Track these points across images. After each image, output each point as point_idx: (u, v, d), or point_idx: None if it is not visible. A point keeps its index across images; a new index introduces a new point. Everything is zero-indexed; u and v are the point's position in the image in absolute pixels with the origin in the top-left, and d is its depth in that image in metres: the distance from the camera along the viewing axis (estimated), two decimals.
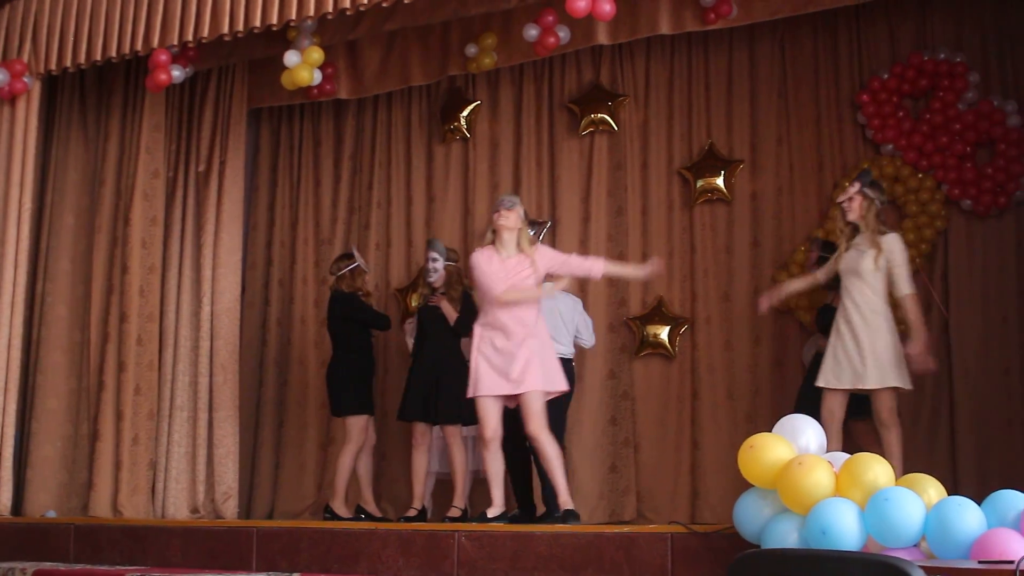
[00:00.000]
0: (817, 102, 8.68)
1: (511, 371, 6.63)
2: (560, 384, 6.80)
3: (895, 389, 6.53)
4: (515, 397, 6.70)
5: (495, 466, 6.87)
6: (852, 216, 6.71)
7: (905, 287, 6.59)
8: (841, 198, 6.83)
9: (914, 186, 8.23)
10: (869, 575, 3.39)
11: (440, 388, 7.84)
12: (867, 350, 6.51)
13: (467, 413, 7.33)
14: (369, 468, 8.49)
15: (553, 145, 9.33)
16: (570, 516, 6.56)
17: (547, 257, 6.92)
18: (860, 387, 6.55)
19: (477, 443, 7.95)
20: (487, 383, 6.70)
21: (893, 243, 6.61)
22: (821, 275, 6.97)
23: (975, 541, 4.51)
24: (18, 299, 8.37)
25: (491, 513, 6.86)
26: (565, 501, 6.67)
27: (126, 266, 8.97)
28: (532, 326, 6.75)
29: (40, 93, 8.61)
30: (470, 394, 6.75)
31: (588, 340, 8.21)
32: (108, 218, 9.18)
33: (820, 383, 6.65)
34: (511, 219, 6.80)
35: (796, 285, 7.24)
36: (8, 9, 8.53)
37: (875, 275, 6.56)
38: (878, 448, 6.42)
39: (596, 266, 7.04)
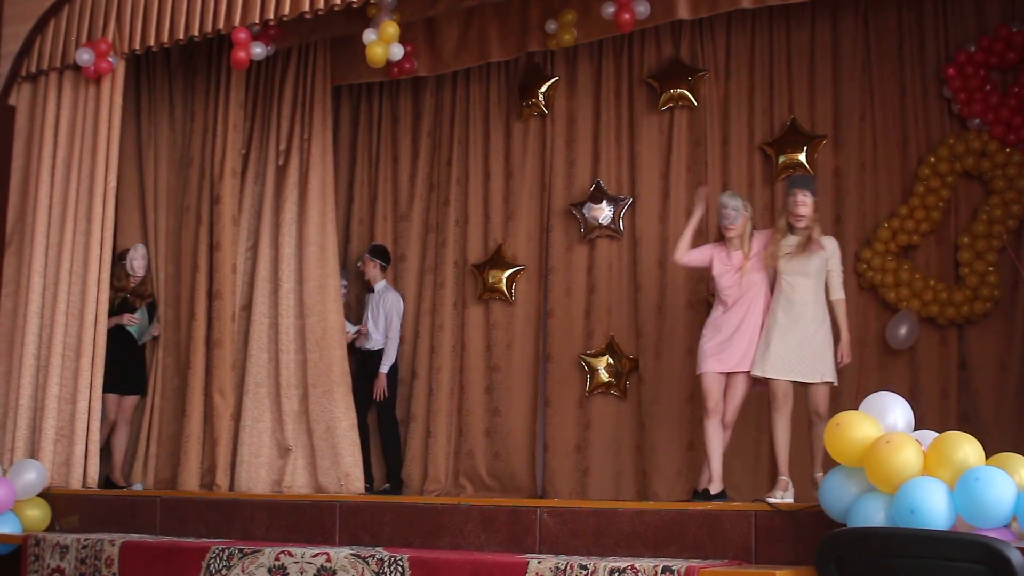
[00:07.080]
0: (901, 76, 8.52)
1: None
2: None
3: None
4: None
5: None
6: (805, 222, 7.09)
7: (839, 291, 7.09)
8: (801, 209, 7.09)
9: (1001, 161, 8.07)
10: (966, 555, 3.36)
11: None
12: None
13: None
14: (124, 442, 9.15)
15: (632, 121, 9.26)
16: None
17: (756, 244, 7.30)
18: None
19: None
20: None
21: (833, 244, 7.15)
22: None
23: None
24: (104, 277, 8.49)
25: (713, 489, 7.06)
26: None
27: (218, 243, 8.98)
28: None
29: (124, 72, 8.70)
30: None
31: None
32: (195, 197, 9.27)
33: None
34: (737, 229, 7.24)
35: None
36: None
37: (820, 276, 7.02)
38: None
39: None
